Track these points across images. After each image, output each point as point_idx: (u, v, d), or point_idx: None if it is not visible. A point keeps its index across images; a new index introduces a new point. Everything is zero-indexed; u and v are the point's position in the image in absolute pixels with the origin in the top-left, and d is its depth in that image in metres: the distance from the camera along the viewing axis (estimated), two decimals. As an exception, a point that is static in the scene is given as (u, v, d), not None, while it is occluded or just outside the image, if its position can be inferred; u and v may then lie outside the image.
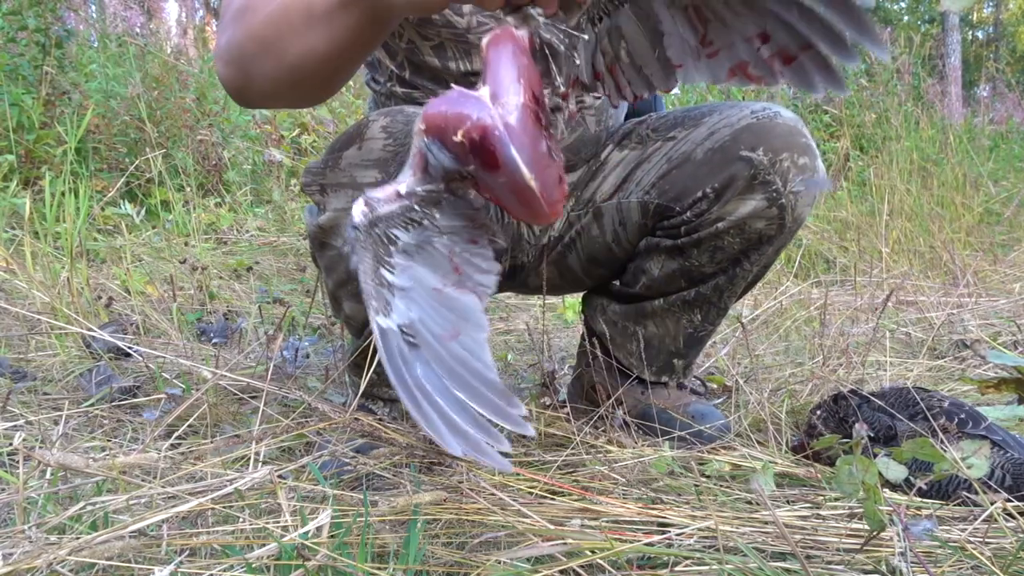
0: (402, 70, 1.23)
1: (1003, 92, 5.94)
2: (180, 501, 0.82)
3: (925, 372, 1.71)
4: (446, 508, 0.89)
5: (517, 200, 0.75)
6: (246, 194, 3.47)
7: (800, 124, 1.19)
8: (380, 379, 1.19)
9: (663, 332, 1.32)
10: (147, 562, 0.76)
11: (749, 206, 1.17)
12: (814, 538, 0.87)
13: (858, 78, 4.99)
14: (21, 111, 3.06)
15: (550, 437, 1.28)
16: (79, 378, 1.55)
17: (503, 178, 0.73)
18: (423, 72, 1.22)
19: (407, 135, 1.00)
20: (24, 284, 1.94)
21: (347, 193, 1.02)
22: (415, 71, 1.22)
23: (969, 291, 2.47)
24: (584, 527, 0.85)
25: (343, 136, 1.05)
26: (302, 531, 0.75)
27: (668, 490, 1.04)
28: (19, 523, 0.81)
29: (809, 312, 2.11)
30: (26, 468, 0.90)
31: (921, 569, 0.75)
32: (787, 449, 1.20)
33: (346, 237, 0.78)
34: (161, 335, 1.90)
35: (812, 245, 3.14)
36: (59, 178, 2.56)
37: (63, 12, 3.68)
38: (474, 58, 1.19)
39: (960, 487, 0.98)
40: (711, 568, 0.78)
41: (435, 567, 0.81)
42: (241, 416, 1.37)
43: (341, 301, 1.14)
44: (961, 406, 1.10)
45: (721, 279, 1.25)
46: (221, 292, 2.39)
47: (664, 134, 1.28)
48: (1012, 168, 4.31)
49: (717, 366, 1.72)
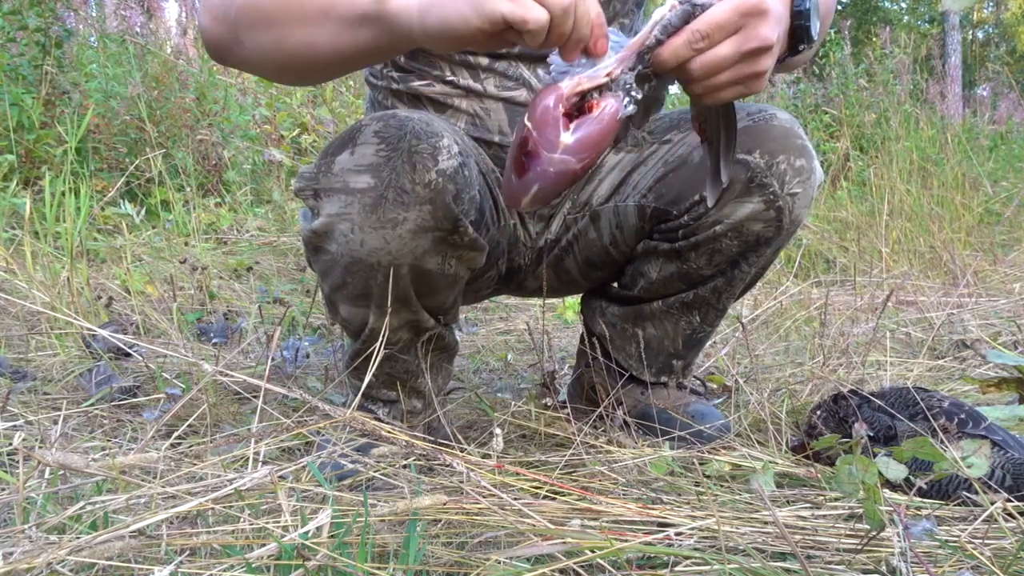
0: (398, 56, 1.23)
1: (1003, 92, 5.95)
2: (180, 501, 0.82)
3: (925, 372, 1.71)
4: (446, 509, 0.89)
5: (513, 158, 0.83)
6: (246, 194, 3.47)
7: (796, 126, 1.19)
8: (379, 381, 1.19)
9: (662, 334, 1.32)
10: (147, 562, 0.76)
11: (746, 209, 1.17)
12: (814, 538, 0.87)
13: (858, 78, 4.99)
14: (21, 111, 3.06)
15: (550, 437, 1.28)
16: (79, 378, 1.55)
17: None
18: (420, 57, 1.22)
19: (399, 140, 1.00)
20: (24, 284, 1.94)
21: (340, 198, 1.01)
22: (410, 56, 1.23)
23: (969, 291, 2.47)
24: (584, 527, 0.85)
25: (336, 141, 1.05)
26: (302, 531, 0.75)
27: (668, 490, 1.04)
28: (19, 523, 0.81)
29: (809, 312, 2.11)
30: (26, 468, 0.90)
31: (921, 569, 0.75)
32: (787, 449, 1.20)
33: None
34: (161, 335, 1.90)
35: (812, 245, 3.14)
36: (59, 178, 2.55)
37: (63, 12, 3.68)
38: None
39: (960, 487, 0.98)
40: (711, 568, 0.78)
41: (435, 567, 0.81)
42: (241, 416, 1.37)
43: (337, 305, 1.14)
44: (961, 406, 1.10)
45: (719, 281, 1.25)
46: (221, 292, 2.39)
47: (660, 137, 1.28)
48: (1012, 168, 4.31)
49: (717, 366, 1.72)
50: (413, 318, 1.13)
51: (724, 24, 0.81)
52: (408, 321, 1.13)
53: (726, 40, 0.82)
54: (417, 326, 1.15)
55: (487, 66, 1.21)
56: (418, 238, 1.02)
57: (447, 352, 1.25)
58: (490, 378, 1.83)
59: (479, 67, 1.20)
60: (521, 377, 1.82)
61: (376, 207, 1.00)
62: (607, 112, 0.80)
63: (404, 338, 1.15)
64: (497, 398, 1.58)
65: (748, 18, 0.82)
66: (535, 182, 0.81)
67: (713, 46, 0.82)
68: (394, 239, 1.01)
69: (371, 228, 1.01)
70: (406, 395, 1.22)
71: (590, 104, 0.81)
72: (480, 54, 1.20)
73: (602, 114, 0.80)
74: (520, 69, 1.21)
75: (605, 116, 0.80)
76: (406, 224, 1.01)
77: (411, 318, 1.13)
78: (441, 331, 1.19)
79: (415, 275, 1.06)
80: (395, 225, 1.00)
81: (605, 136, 0.81)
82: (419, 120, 1.03)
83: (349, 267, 1.05)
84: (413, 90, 1.23)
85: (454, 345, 1.26)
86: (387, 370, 1.18)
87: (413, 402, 1.23)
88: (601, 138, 0.81)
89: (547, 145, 0.80)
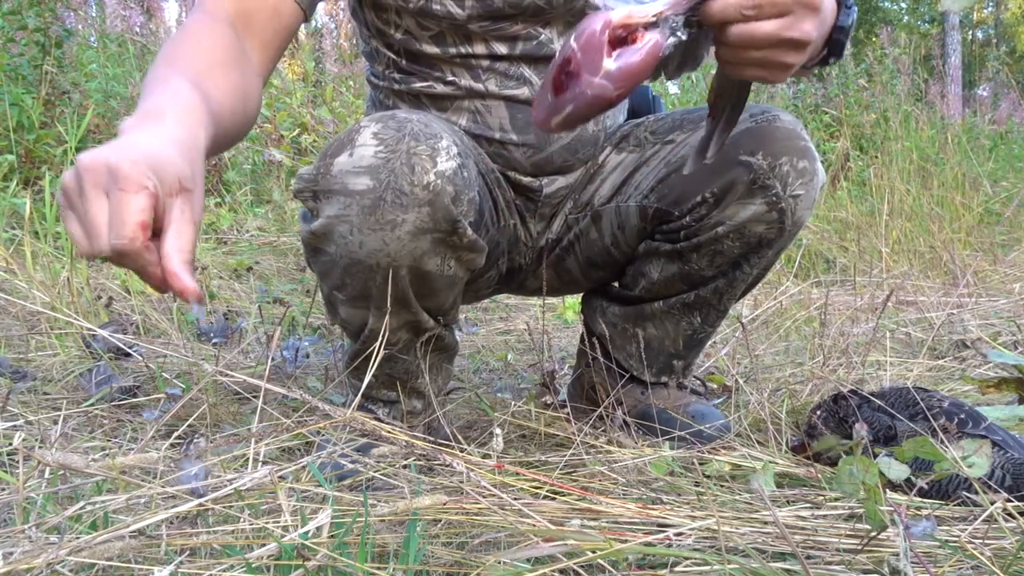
0: (400, 58, 1.23)
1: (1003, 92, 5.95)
2: (180, 501, 0.82)
3: (925, 372, 1.71)
4: (446, 509, 0.89)
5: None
6: (246, 194, 3.47)
7: (799, 127, 1.19)
8: (379, 381, 1.19)
9: (663, 334, 1.32)
10: (147, 562, 0.76)
11: (749, 210, 1.17)
12: (814, 538, 0.87)
13: (858, 78, 5.00)
14: (21, 111, 3.05)
15: (550, 437, 1.28)
16: (79, 378, 1.55)
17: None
18: (421, 60, 1.22)
19: (398, 141, 1.00)
20: (24, 284, 1.94)
21: (339, 200, 1.01)
22: (412, 59, 1.22)
23: (969, 291, 2.47)
24: (584, 527, 0.85)
25: (335, 142, 1.05)
26: (302, 531, 0.75)
27: (668, 490, 1.04)
28: (19, 523, 0.81)
29: (809, 312, 2.11)
30: (26, 468, 0.90)
31: (921, 569, 0.75)
32: (787, 449, 1.20)
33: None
34: (161, 335, 1.90)
35: (812, 245, 3.14)
36: (59, 178, 2.55)
37: (63, 12, 3.68)
38: (475, 43, 1.19)
39: (960, 487, 0.98)
40: (711, 568, 0.78)
41: (435, 567, 0.81)
42: (241, 416, 1.37)
43: (337, 306, 1.14)
44: (961, 406, 1.10)
45: (721, 282, 1.25)
46: (221, 292, 2.39)
47: (662, 137, 1.27)
48: (1012, 168, 4.31)
49: (717, 366, 1.72)
50: (413, 319, 1.13)
51: (781, 2, 0.82)
52: (408, 322, 1.13)
53: (773, 19, 0.83)
54: (417, 327, 1.15)
55: (488, 67, 1.21)
56: (417, 239, 1.02)
57: (447, 352, 1.25)
58: (490, 378, 1.83)
59: (480, 68, 1.20)
60: (521, 377, 1.82)
61: (375, 209, 1.00)
62: (649, 45, 0.82)
63: (404, 338, 1.15)
64: (497, 398, 1.58)
65: (800, 7, 0.83)
66: (571, 102, 0.83)
67: (760, 19, 0.82)
68: (393, 240, 1.01)
69: (370, 230, 1.01)
70: (406, 395, 1.22)
71: (633, 36, 0.82)
72: (481, 56, 1.20)
73: (645, 46, 0.82)
74: (521, 68, 1.21)
75: (647, 48, 0.82)
76: (405, 226, 1.01)
77: (411, 319, 1.13)
78: (441, 331, 1.19)
79: (414, 276, 1.06)
80: (394, 227, 1.00)
81: (645, 68, 0.82)
82: (418, 121, 1.03)
83: (348, 268, 1.05)
84: (414, 91, 1.23)
85: (454, 345, 1.26)
86: (387, 370, 1.18)
87: (413, 402, 1.24)
88: (640, 70, 0.82)
89: (590, 68, 0.81)
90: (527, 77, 1.21)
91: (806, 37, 0.84)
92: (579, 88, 0.82)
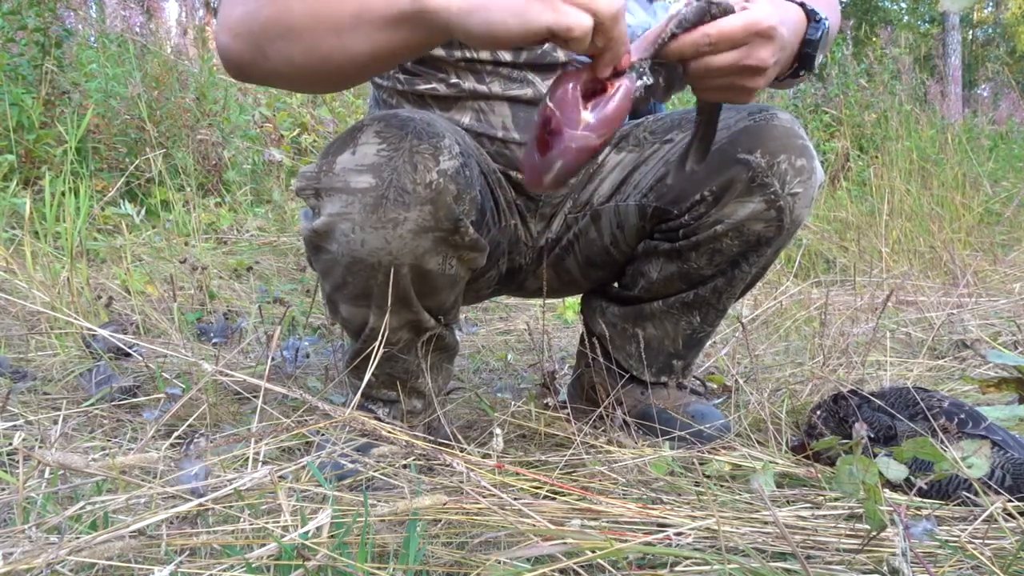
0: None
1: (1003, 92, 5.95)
2: (180, 501, 0.82)
3: (925, 372, 1.71)
4: (446, 509, 0.89)
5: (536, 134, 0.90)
6: (246, 194, 3.47)
7: (797, 125, 1.19)
8: (379, 381, 1.19)
9: (662, 334, 1.32)
10: (147, 562, 0.76)
11: (747, 209, 1.17)
12: (814, 538, 0.87)
13: (858, 78, 5.00)
14: (21, 111, 3.05)
15: (550, 437, 1.28)
16: (79, 378, 1.55)
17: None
18: (426, 62, 1.22)
19: (400, 140, 1.00)
20: (24, 284, 1.94)
21: (341, 198, 1.01)
22: (417, 61, 1.23)
23: (969, 291, 2.47)
24: (584, 527, 0.85)
25: (337, 140, 1.05)
26: (302, 531, 0.75)
27: (668, 490, 1.04)
28: (19, 523, 0.81)
29: (809, 312, 2.11)
30: (26, 468, 0.90)
31: (921, 569, 0.75)
32: (787, 449, 1.20)
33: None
34: (161, 335, 1.90)
35: (812, 245, 3.14)
36: (59, 178, 2.55)
37: (63, 12, 3.68)
38: (480, 49, 1.19)
39: (960, 487, 0.98)
40: (711, 568, 0.78)
41: (435, 567, 0.81)
42: (241, 416, 1.37)
43: (338, 304, 1.14)
44: (961, 406, 1.10)
45: (720, 281, 1.25)
46: (221, 292, 2.39)
47: (661, 137, 1.28)
48: (1012, 168, 4.30)
49: (717, 366, 1.72)
50: (413, 318, 1.13)
51: (733, 37, 0.89)
52: (408, 321, 1.13)
53: (729, 51, 0.89)
54: (417, 326, 1.15)
55: (492, 70, 1.21)
56: (419, 238, 1.02)
57: (447, 352, 1.25)
58: (490, 378, 1.83)
59: (484, 71, 1.21)
60: (521, 377, 1.82)
61: (377, 207, 1.00)
62: (621, 91, 0.87)
63: (404, 338, 1.15)
64: (497, 398, 1.58)
65: (756, 38, 0.89)
66: (559, 158, 0.87)
67: (717, 53, 0.89)
68: (395, 239, 1.01)
69: (372, 228, 1.01)
70: (406, 395, 1.22)
71: (604, 85, 0.88)
72: (486, 60, 1.21)
73: (616, 92, 0.87)
74: (525, 73, 1.22)
75: (619, 94, 0.87)
76: (407, 224, 1.01)
77: (411, 318, 1.13)
78: (441, 331, 1.19)
79: (415, 275, 1.06)
80: (396, 225, 1.00)
81: (621, 113, 0.88)
82: (420, 120, 1.03)
83: (349, 267, 1.05)
84: (418, 91, 1.24)
85: (454, 345, 1.26)
86: (387, 370, 1.18)
87: (413, 402, 1.23)
88: (616, 115, 0.88)
89: (570, 123, 0.86)
90: (531, 80, 1.22)
91: (763, 64, 0.91)
92: (563, 144, 0.87)
